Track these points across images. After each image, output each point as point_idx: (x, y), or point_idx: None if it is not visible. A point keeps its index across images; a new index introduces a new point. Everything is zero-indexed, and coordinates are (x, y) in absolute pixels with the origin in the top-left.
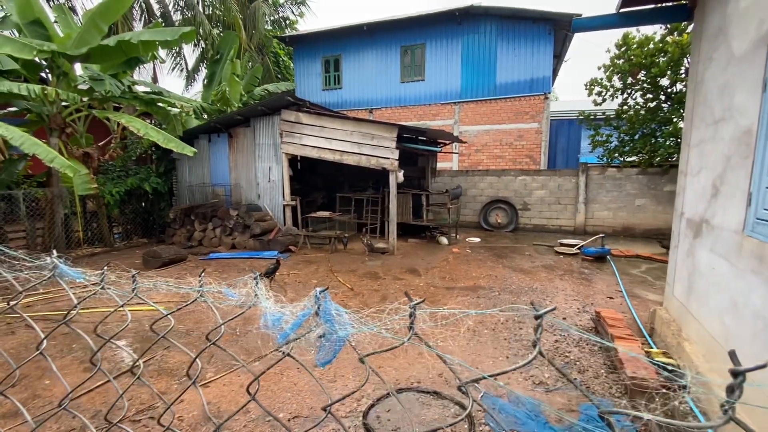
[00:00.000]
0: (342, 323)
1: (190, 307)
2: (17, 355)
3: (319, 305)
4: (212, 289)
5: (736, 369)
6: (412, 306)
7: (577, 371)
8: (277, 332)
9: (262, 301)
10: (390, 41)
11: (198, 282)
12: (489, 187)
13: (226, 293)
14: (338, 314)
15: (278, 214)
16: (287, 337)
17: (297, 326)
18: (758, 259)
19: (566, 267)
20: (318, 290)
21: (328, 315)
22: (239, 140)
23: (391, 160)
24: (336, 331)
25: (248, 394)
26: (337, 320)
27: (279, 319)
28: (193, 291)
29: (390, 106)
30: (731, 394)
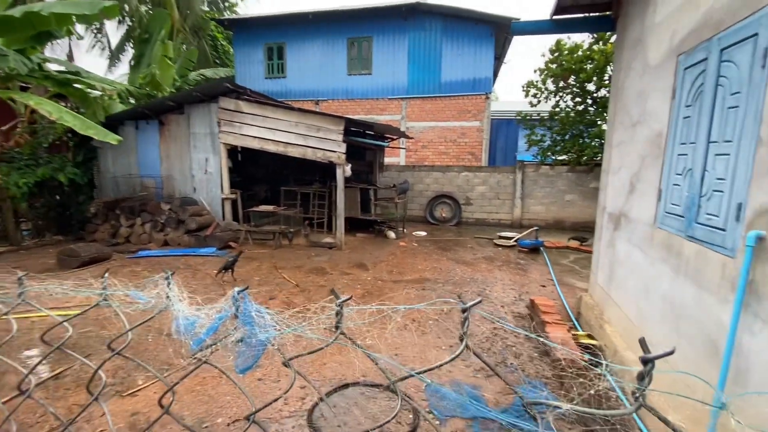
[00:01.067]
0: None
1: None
2: None
3: (237, 306)
4: (118, 292)
5: (645, 357)
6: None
7: (513, 355)
8: (191, 338)
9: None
10: (337, 32)
11: (101, 284)
12: (434, 182)
13: (134, 296)
14: (260, 316)
15: (217, 209)
16: (202, 344)
17: (213, 330)
18: (666, 248)
19: (504, 258)
20: (236, 290)
21: (248, 317)
22: (172, 128)
23: (339, 153)
24: (256, 334)
25: (160, 407)
26: (258, 322)
27: (193, 324)
28: (95, 294)
29: (337, 98)
30: (641, 381)
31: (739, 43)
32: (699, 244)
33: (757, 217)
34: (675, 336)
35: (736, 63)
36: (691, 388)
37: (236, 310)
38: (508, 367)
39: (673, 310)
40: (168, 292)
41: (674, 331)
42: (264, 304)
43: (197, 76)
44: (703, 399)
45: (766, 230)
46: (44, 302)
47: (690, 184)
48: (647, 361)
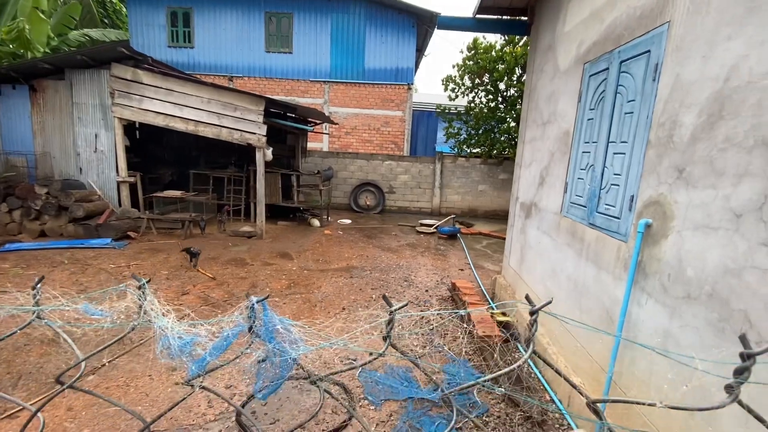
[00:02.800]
0: (294, 340)
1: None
2: None
3: (254, 319)
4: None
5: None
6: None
7: (440, 336)
8: (188, 361)
9: (156, 318)
10: (253, 3)
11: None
12: (359, 170)
13: (86, 310)
14: (285, 330)
15: (111, 193)
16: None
17: (222, 350)
18: (571, 234)
19: (426, 245)
20: (254, 299)
21: (271, 332)
22: (48, 96)
23: (258, 135)
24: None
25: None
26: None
27: (189, 343)
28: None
29: (254, 75)
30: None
31: (635, 57)
32: (599, 231)
33: (646, 208)
34: (578, 310)
35: (633, 75)
36: (591, 357)
37: (253, 323)
38: (435, 347)
39: (576, 288)
40: (143, 304)
41: (577, 306)
42: (176, 300)
43: (80, 36)
44: (601, 361)
45: (652, 219)
46: None
47: (592, 178)
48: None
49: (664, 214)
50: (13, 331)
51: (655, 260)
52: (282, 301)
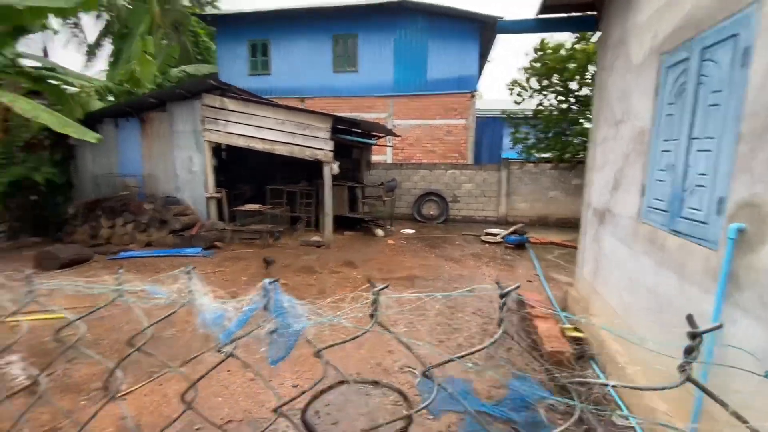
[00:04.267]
0: (296, 315)
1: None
2: None
3: (268, 298)
4: (134, 288)
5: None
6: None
7: (504, 350)
8: (219, 331)
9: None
10: (322, 29)
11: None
12: (422, 180)
13: (151, 291)
14: (291, 306)
15: (201, 208)
16: (232, 335)
17: (243, 323)
18: (650, 242)
19: (491, 254)
20: (267, 281)
21: (280, 308)
22: (154, 126)
23: (326, 151)
24: (290, 324)
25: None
26: (289, 313)
27: (221, 317)
28: (110, 290)
29: (323, 95)
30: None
31: (720, 42)
32: (682, 238)
33: (738, 211)
34: (658, 327)
35: (717, 62)
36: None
37: (267, 302)
38: (499, 362)
39: (656, 301)
40: (190, 286)
41: (657, 321)
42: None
43: (179, 72)
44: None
45: (746, 223)
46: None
47: (673, 180)
48: (695, 336)
49: (761, 218)
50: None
51: (751, 270)
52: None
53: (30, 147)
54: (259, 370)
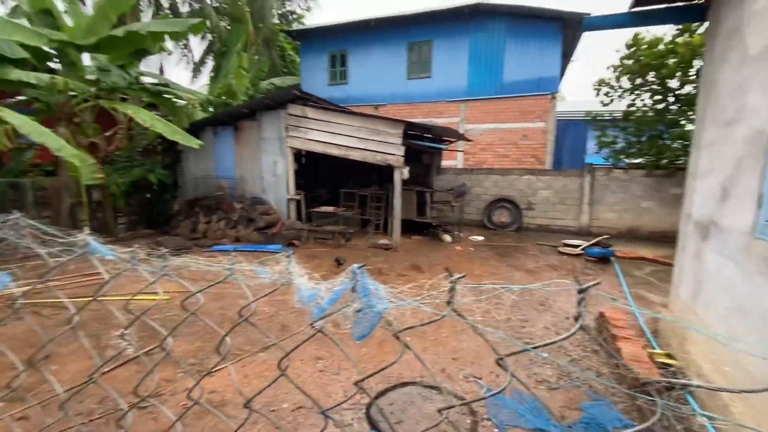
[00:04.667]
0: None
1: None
2: (28, 340)
3: (356, 281)
4: (244, 267)
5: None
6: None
7: (580, 369)
8: (313, 307)
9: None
10: (397, 37)
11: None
12: (493, 185)
13: (258, 272)
14: (375, 290)
15: (282, 208)
16: (324, 312)
17: (334, 301)
18: (767, 261)
19: (570, 267)
20: (356, 266)
21: (366, 290)
22: (245, 133)
23: (397, 156)
24: (374, 305)
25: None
26: (374, 295)
27: (314, 295)
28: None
29: (396, 102)
30: None
31: None
32: None
33: None
34: None
35: None
36: None
37: (355, 284)
38: (573, 381)
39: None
40: (290, 269)
41: None
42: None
43: (267, 84)
44: None
45: None
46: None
47: None
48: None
49: None
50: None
51: None
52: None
53: (146, 152)
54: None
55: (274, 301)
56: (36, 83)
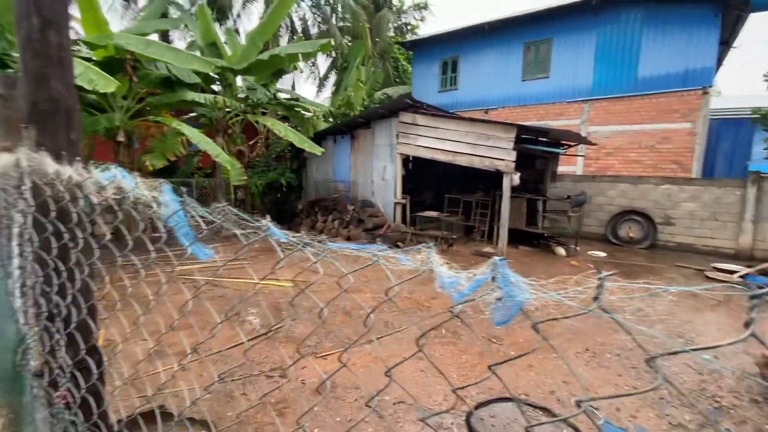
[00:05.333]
0: (520, 289)
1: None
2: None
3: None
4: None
5: None
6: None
7: (731, 422)
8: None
9: (436, 266)
10: (512, 38)
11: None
12: (621, 195)
13: (400, 259)
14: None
15: (389, 211)
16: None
17: (474, 288)
18: None
19: (721, 297)
20: (497, 258)
21: (507, 280)
22: (360, 141)
23: (507, 161)
24: (515, 295)
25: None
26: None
27: (455, 282)
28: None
29: (508, 105)
30: None
31: None
32: None
33: None
34: None
35: None
36: None
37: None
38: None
39: None
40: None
41: None
42: (427, 302)
43: (381, 95)
44: None
45: None
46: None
47: None
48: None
49: None
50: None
51: None
52: (518, 326)
53: (278, 158)
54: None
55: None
56: (204, 102)
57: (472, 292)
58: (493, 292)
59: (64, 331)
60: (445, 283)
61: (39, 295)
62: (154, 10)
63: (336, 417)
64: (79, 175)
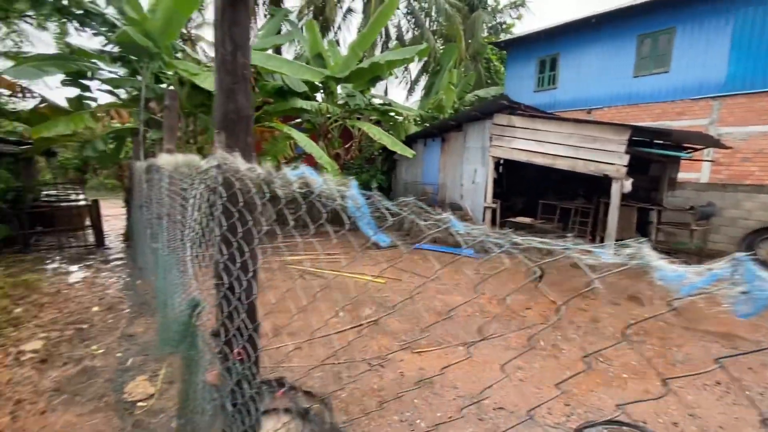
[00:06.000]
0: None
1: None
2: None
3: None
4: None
5: None
6: None
7: None
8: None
9: (654, 261)
10: (623, 31)
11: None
12: (761, 208)
13: (599, 253)
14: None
15: (478, 215)
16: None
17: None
18: None
19: None
20: (739, 254)
21: (752, 276)
22: (450, 144)
23: (617, 166)
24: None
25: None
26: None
27: (682, 276)
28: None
29: (615, 104)
30: None
31: None
32: None
33: None
34: None
35: None
36: None
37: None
38: None
39: None
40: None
41: None
42: (520, 312)
43: (472, 97)
44: None
45: None
46: None
47: None
48: None
49: None
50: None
51: None
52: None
53: (370, 161)
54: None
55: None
56: (309, 109)
57: (706, 285)
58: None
59: (245, 301)
60: (668, 277)
61: (222, 269)
62: (271, 28)
63: (437, 412)
64: (269, 171)
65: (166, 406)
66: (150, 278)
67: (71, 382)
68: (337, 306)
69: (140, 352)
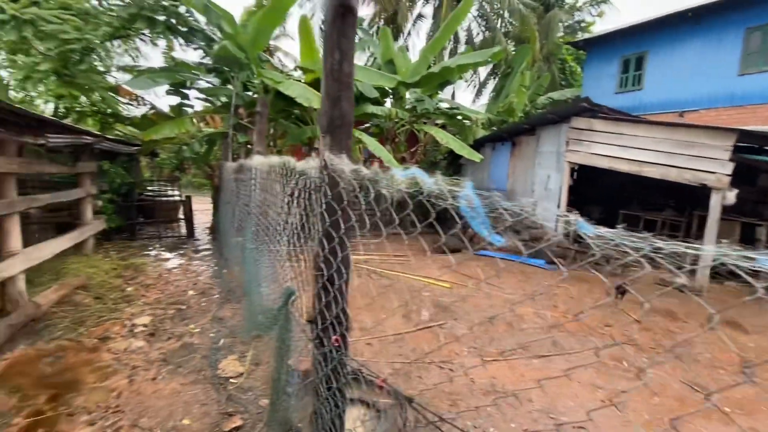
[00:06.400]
0: None
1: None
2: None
3: None
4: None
5: None
6: None
7: None
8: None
9: None
10: (727, 24)
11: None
12: None
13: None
14: None
15: (550, 224)
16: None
17: None
18: None
19: None
20: None
21: None
22: (521, 148)
23: (719, 175)
24: None
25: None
26: None
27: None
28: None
29: (714, 106)
30: None
31: None
32: None
33: None
34: None
35: None
36: None
37: None
38: None
39: None
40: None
41: None
42: (599, 328)
43: (545, 99)
44: None
45: None
46: None
47: None
48: None
49: None
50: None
51: None
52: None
53: (433, 164)
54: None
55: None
56: (379, 114)
57: None
58: None
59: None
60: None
61: (322, 262)
62: None
63: (510, 423)
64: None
65: (254, 385)
66: (234, 268)
67: (175, 355)
68: (405, 307)
69: (229, 335)
